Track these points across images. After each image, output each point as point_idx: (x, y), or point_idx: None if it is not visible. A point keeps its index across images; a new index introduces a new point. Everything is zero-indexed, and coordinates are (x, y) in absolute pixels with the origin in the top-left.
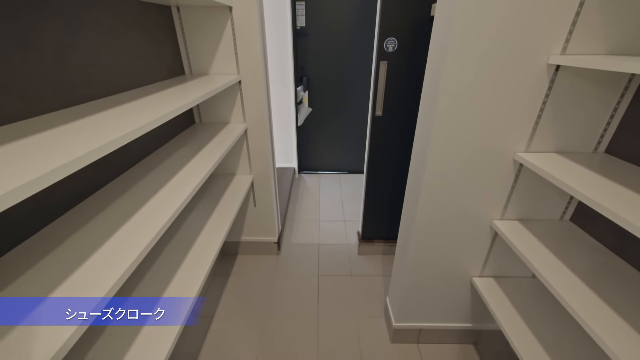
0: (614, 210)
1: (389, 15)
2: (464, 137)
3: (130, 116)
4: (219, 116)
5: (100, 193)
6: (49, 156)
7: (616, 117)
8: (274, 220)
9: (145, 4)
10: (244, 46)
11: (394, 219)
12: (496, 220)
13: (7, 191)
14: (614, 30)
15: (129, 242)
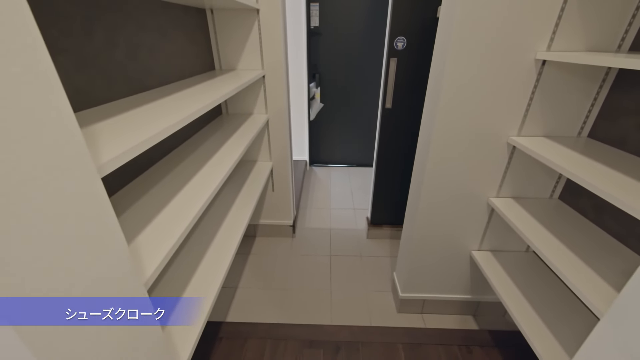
0: (596, 184)
1: (399, 16)
2: (463, 124)
3: (186, 103)
4: (244, 107)
5: (155, 167)
6: (148, 126)
7: (596, 105)
8: (290, 204)
9: (187, 8)
10: (268, 44)
11: (401, 205)
12: (492, 197)
13: (142, 140)
14: (592, 29)
15: (181, 212)
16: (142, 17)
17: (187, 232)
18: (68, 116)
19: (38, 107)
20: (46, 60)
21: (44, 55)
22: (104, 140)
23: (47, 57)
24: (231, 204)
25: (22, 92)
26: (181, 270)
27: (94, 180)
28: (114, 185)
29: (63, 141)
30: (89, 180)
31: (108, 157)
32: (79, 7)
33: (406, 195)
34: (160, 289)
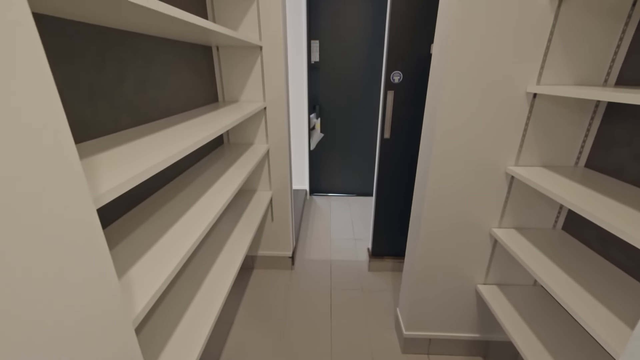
0: (599, 216)
1: (394, 52)
2: (461, 154)
3: (188, 134)
4: (245, 138)
5: (154, 197)
6: (148, 157)
7: (590, 135)
8: (289, 234)
9: (194, 45)
10: (270, 78)
11: (402, 236)
12: (495, 228)
13: (141, 170)
14: (578, 65)
15: (175, 245)
16: (151, 52)
17: (181, 266)
18: (69, 148)
19: (40, 140)
20: (54, 98)
21: (52, 93)
22: (104, 171)
23: (56, 95)
24: (229, 234)
25: (26, 123)
26: (172, 308)
27: (89, 211)
28: (112, 214)
29: (61, 171)
30: (84, 211)
31: (106, 188)
32: (93, 44)
33: (407, 227)
34: (150, 328)
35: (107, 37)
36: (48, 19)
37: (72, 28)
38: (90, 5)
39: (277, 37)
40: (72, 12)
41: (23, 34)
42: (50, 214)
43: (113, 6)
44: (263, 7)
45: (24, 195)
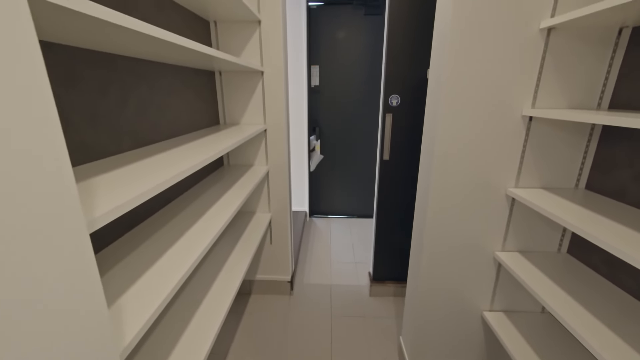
0: (605, 239)
1: (391, 77)
2: (460, 176)
3: (188, 156)
4: (245, 159)
5: (152, 219)
6: (146, 180)
7: (588, 157)
8: (288, 258)
9: (198, 70)
10: (271, 101)
11: (404, 260)
12: (498, 251)
13: (143, 191)
14: (571, 89)
15: (169, 271)
16: (155, 77)
17: (175, 293)
18: (66, 173)
19: (37, 165)
20: (55, 125)
21: (53, 119)
22: (101, 193)
23: (57, 122)
24: (226, 257)
25: (25, 149)
26: (163, 337)
27: (81, 237)
28: (109, 236)
29: (56, 194)
30: (75, 237)
31: (101, 212)
32: (99, 70)
33: (409, 250)
34: (139, 359)
35: (114, 63)
36: (57, 47)
37: (80, 55)
38: (101, 36)
39: (278, 62)
40: (83, 40)
41: (29, 63)
42: (39, 239)
43: (127, 37)
44: (265, 34)
45: (12, 217)
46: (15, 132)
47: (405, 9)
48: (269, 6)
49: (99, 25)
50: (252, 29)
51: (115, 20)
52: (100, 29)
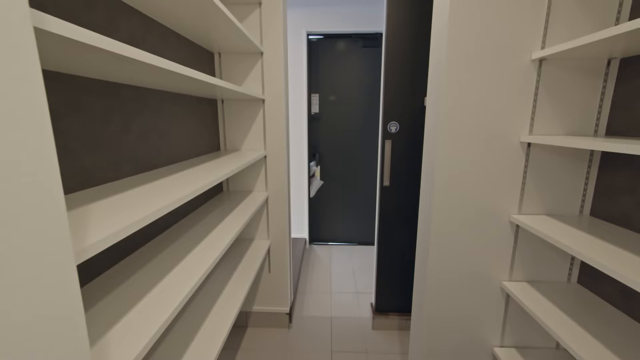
0: (617, 270)
1: (390, 104)
2: (462, 202)
3: (187, 182)
4: (244, 185)
5: (148, 246)
6: (141, 207)
7: (590, 184)
8: (287, 288)
9: (201, 98)
10: (271, 128)
11: (408, 289)
12: (505, 281)
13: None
14: (566, 116)
15: (162, 303)
16: (159, 105)
17: (165, 327)
18: (58, 199)
19: (28, 194)
20: (51, 157)
21: (50, 148)
22: (95, 221)
23: (53, 152)
24: (222, 288)
25: (20, 179)
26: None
27: (68, 269)
28: (102, 264)
29: (46, 223)
30: (61, 269)
31: (92, 241)
32: (103, 99)
33: (412, 279)
34: None
35: (118, 92)
36: (61, 76)
37: (85, 84)
38: (112, 68)
39: (279, 91)
40: (91, 71)
41: (30, 94)
42: (24, 269)
43: (137, 69)
44: (267, 64)
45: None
46: (7, 162)
47: (401, 41)
48: (272, 39)
49: (113, 58)
50: (255, 60)
51: (129, 54)
52: (114, 62)
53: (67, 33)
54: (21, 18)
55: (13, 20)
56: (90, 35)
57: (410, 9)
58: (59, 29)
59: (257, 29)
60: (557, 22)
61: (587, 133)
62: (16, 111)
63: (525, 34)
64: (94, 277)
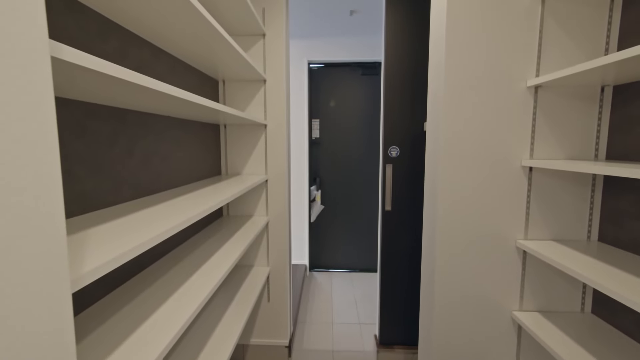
0: (634, 299)
1: (390, 129)
2: (466, 227)
3: (187, 206)
4: (245, 210)
5: (144, 273)
6: (139, 233)
7: (595, 208)
8: (286, 318)
9: (204, 123)
10: (273, 153)
11: (414, 319)
12: (516, 311)
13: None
14: (565, 141)
15: (152, 338)
16: (163, 130)
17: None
18: (59, 225)
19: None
20: (56, 180)
21: (56, 175)
22: (92, 247)
23: (58, 179)
24: (219, 318)
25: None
26: None
27: (62, 298)
28: (95, 294)
29: (44, 249)
30: (56, 296)
31: (88, 268)
32: (109, 124)
33: (418, 308)
34: None
35: (124, 117)
36: (70, 102)
37: (91, 109)
38: (122, 95)
39: (281, 116)
40: (99, 97)
41: (42, 120)
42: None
43: (146, 96)
44: (269, 91)
45: None
46: (13, 187)
47: (400, 69)
48: (274, 67)
49: (126, 86)
50: (258, 87)
51: (141, 82)
52: (126, 90)
53: (82, 62)
54: (40, 48)
55: (32, 50)
56: (105, 65)
57: (408, 38)
58: (74, 58)
59: (260, 58)
60: (549, 51)
61: (587, 157)
62: (27, 136)
63: (520, 62)
64: (87, 307)
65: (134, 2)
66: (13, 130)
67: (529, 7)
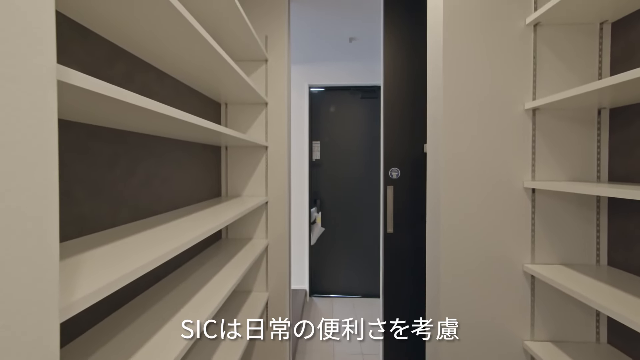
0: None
1: (390, 152)
2: (470, 251)
3: (187, 228)
4: (244, 232)
5: (138, 299)
6: (134, 259)
7: (602, 231)
8: (286, 349)
9: (205, 145)
10: (273, 175)
11: (420, 349)
12: (527, 341)
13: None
14: (566, 162)
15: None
16: (164, 151)
17: None
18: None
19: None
20: (52, 202)
21: (53, 197)
22: (85, 273)
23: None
24: (213, 351)
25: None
26: None
27: (49, 328)
28: (83, 323)
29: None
30: (43, 326)
31: (78, 297)
32: (111, 146)
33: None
34: None
35: (126, 140)
36: (72, 124)
37: (92, 131)
38: (125, 116)
39: (282, 138)
40: (102, 120)
41: (43, 142)
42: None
43: (151, 119)
44: (271, 113)
45: None
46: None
47: (399, 92)
48: (276, 91)
49: (131, 109)
50: (260, 110)
51: (147, 105)
52: (132, 113)
53: (91, 87)
54: (47, 72)
55: (40, 74)
56: (114, 89)
57: (406, 63)
58: (80, 82)
59: (263, 82)
60: (544, 75)
61: (589, 179)
62: (28, 158)
63: (516, 85)
64: (74, 338)
65: (145, 31)
66: (13, 150)
67: (522, 34)
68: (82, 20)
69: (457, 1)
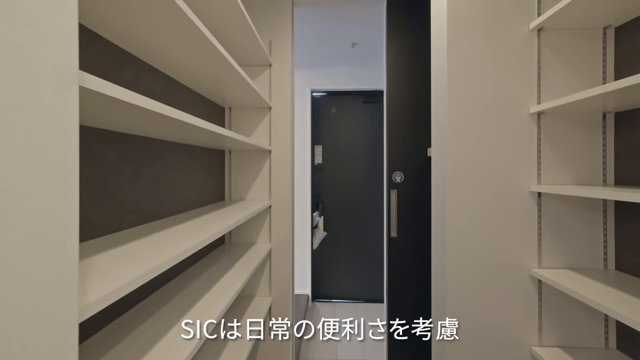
0: None
1: (393, 155)
2: (477, 255)
3: (191, 232)
4: (247, 237)
5: (140, 306)
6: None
7: (609, 235)
8: (288, 356)
9: (209, 149)
10: (277, 179)
11: (426, 356)
12: (535, 346)
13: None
14: (572, 166)
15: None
16: (169, 155)
17: None
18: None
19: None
20: (73, 203)
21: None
22: (94, 277)
23: (76, 199)
24: (217, 355)
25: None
26: None
27: (69, 329)
28: (86, 330)
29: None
30: (63, 327)
31: (92, 299)
32: (116, 150)
33: (430, 342)
34: None
35: (132, 144)
36: (81, 128)
37: (99, 135)
38: (134, 121)
39: (286, 142)
40: (109, 124)
41: (66, 146)
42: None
43: (158, 122)
44: (274, 118)
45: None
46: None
47: (402, 96)
48: (279, 95)
49: (142, 113)
50: (263, 114)
51: (158, 109)
52: (141, 117)
53: (107, 91)
54: (70, 77)
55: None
56: (128, 94)
57: (408, 68)
58: (96, 87)
59: (266, 86)
60: (548, 80)
61: (596, 182)
62: (50, 161)
63: (521, 89)
64: (81, 342)
65: (153, 35)
66: (36, 154)
67: (526, 38)
68: (91, 24)
69: (461, 6)
